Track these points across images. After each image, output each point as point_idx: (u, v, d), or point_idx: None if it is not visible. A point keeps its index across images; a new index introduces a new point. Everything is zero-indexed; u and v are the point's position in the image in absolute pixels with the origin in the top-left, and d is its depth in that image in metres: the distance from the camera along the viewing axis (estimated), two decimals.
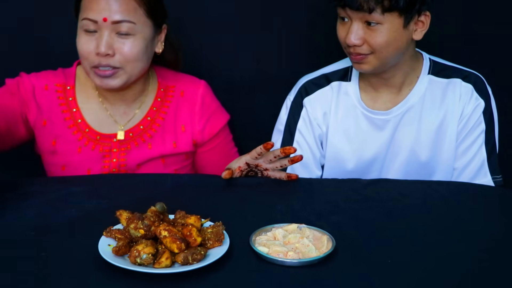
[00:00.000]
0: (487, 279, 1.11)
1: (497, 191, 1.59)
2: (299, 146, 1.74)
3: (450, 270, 1.13)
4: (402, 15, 1.52)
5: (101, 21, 1.49)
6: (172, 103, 1.68)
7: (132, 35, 1.52)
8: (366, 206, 1.40)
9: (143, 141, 1.65)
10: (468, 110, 1.68)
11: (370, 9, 1.49)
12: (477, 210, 1.42)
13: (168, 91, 1.69)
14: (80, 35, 1.53)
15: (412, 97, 1.68)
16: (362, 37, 1.54)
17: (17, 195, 1.41)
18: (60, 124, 1.63)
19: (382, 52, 1.55)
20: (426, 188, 1.52)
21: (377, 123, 1.70)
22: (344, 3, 1.52)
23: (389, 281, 1.09)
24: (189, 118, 1.68)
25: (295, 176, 1.53)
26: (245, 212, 1.35)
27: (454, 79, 1.69)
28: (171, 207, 1.24)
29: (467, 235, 1.27)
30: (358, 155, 1.72)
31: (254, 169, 1.53)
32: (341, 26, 1.59)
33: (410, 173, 1.71)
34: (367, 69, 1.60)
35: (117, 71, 1.53)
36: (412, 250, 1.20)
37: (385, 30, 1.52)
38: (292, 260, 1.12)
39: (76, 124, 1.63)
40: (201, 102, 1.69)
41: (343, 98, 1.72)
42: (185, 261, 1.09)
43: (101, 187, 1.48)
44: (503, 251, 1.21)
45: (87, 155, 1.63)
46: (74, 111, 1.63)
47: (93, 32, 1.51)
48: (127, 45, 1.52)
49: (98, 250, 1.12)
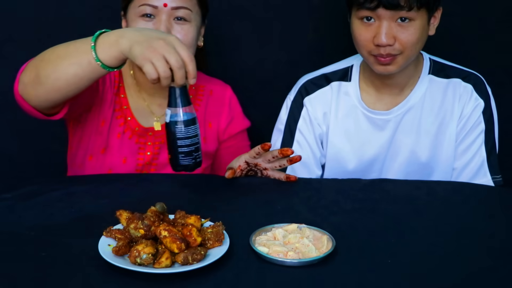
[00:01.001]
0: (487, 279, 1.11)
1: (497, 191, 1.59)
2: (300, 145, 1.73)
3: (450, 270, 1.13)
4: (429, 11, 1.52)
5: (161, 6, 1.54)
6: (202, 102, 1.75)
7: (188, 22, 1.57)
8: (366, 206, 1.40)
9: None
10: (467, 110, 1.68)
11: (410, 6, 1.47)
12: (477, 210, 1.42)
13: (198, 89, 1.76)
14: (136, 20, 1.56)
15: (412, 97, 1.68)
16: (394, 36, 1.51)
17: (17, 195, 1.41)
18: (109, 106, 1.64)
19: (411, 50, 1.54)
20: (426, 188, 1.52)
21: (377, 123, 1.69)
22: (379, 3, 1.48)
23: (389, 281, 1.09)
24: (217, 116, 1.76)
25: (294, 177, 1.53)
26: (245, 212, 1.35)
27: (454, 79, 1.69)
28: (171, 207, 1.24)
29: (467, 235, 1.27)
30: (359, 155, 1.72)
31: (254, 168, 1.54)
32: (363, 27, 1.54)
33: (410, 173, 1.71)
34: (393, 70, 1.58)
35: None
36: (412, 250, 1.20)
37: (417, 26, 1.51)
38: (292, 260, 1.12)
39: (122, 109, 1.66)
40: (228, 103, 1.78)
41: (344, 98, 1.71)
42: (185, 261, 1.09)
43: (101, 187, 1.48)
44: (503, 251, 1.21)
45: (124, 143, 1.65)
46: (122, 97, 1.67)
47: (150, 18, 1.55)
48: (184, 30, 1.56)
49: (98, 250, 1.12)
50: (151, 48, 1.20)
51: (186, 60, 1.21)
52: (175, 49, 1.21)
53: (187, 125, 1.26)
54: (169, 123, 1.26)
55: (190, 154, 1.28)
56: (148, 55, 1.20)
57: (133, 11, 1.57)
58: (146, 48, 1.20)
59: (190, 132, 1.26)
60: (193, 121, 1.27)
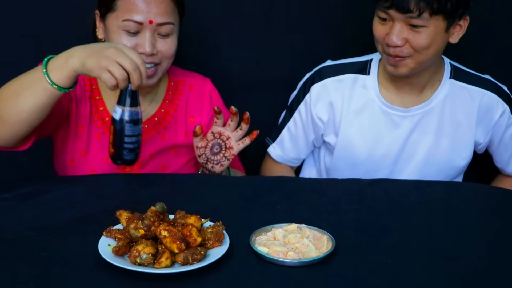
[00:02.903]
0: (487, 279, 1.11)
1: (497, 191, 1.59)
2: (294, 123, 1.80)
3: (450, 270, 1.13)
4: (446, 19, 1.52)
5: (146, 23, 1.53)
6: (182, 96, 1.74)
7: (171, 35, 1.59)
8: (366, 206, 1.40)
9: (157, 133, 1.69)
10: (496, 117, 1.72)
11: (420, 12, 1.48)
12: (477, 210, 1.42)
13: (178, 85, 1.75)
14: (118, 33, 1.55)
15: (434, 100, 1.70)
16: (405, 38, 1.54)
17: (17, 195, 1.41)
18: (85, 110, 1.66)
19: (422, 54, 1.56)
20: (426, 188, 1.52)
21: (393, 119, 1.71)
22: (391, 5, 1.50)
23: (389, 281, 1.09)
24: (198, 110, 1.75)
25: (255, 132, 1.56)
26: (245, 212, 1.35)
27: (476, 88, 1.72)
28: (171, 207, 1.24)
29: (467, 235, 1.27)
30: (370, 148, 1.73)
31: (219, 139, 1.56)
32: (380, 25, 1.58)
33: (426, 176, 1.72)
34: (403, 72, 1.60)
35: (157, 68, 1.60)
36: (412, 250, 1.20)
37: (429, 32, 1.52)
38: (292, 260, 1.12)
39: (98, 111, 1.66)
40: (209, 96, 1.77)
41: (360, 91, 1.72)
42: (185, 261, 1.09)
43: (101, 187, 1.48)
44: (503, 251, 1.21)
45: (105, 143, 1.64)
46: (97, 99, 1.67)
47: (133, 34, 1.54)
48: (168, 43, 1.58)
49: (98, 250, 1.12)
50: (104, 57, 1.30)
51: (137, 63, 1.32)
52: (126, 54, 1.32)
53: (135, 123, 1.36)
54: (118, 121, 1.35)
55: (133, 150, 1.38)
56: (103, 63, 1.30)
57: (114, 23, 1.55)
58: (100, 58, 1.30)
59: (136, 131, 1.36)
60: (140, 121, 1.37)
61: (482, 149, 1.79)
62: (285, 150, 1.84)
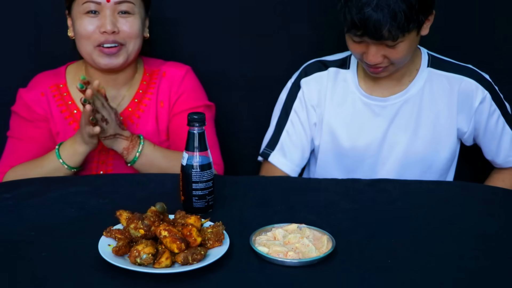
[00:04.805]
0: (487, 279, 1.11)
1: (497, 191, 1.59)
2: (293, 124, 1.78)
3: (450, 270, 1.13)
4: (418, 27, 1.55)
5: (104, 2, 1.59)
6: (156, 84, 1.76)
7: (132, 14, 1.63)
8: (366, 206, 1.40)
9: (132, 123, 1.72)
10: (476, 103, 1.71)
11: (394, 38, 1.50)
12: (477, 210, 1.42)
13: (153, 74, 1.77)
14: (81, 18, 1.61)
15: (412, 88, 1.71)
16: (382, 55, 1.56)
17: (17, 195, 1.42)
18: (60, 120, 1.71)
19: (402, 62, 1.61)
20: (425, 188, 1.52)
21: (373, 110, 1.73)
22: (364, 34, 1.52)
23: (389, 281, 1.09)
24: (167, 94, 1.75)
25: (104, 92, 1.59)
26: (245, 212, 1.35)
27: (455, 74, 1.71)
28: (171, 207, 1.24)
29: (467, 235, 1.27)
30: (354, 139, 1.74)
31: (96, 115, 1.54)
32: (354, 44, 1.59)
33: (409, 165, 1.73)
34: (384, 75, 1.66)
35: (121, 48, 1.62)
36: (412, 250, 1.20)
37: (405, 45, 1.55)
38: (292, 260, 1.12)
39: (72, 115, 1.71)
40: (180, 80, 1.76)
41: (341, 84, 1.75)
42: (185, 261, 1.09)
43: (101, 187, 1.48)
44: (503, 250, 1.21)
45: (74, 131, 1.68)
46: (69, 104, 1.71)
47: (94, 14, 1.60)
48: (129, 22, 1.62)
49: (98, 250, 1.12)
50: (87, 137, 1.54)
51: None
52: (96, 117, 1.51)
53: (203, 169, 1.31)
54: (186, 166, 1.31)
55: (204, 198, 1.32)
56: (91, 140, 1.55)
57: (77, 9, 1.61)
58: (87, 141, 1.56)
59: (205, 176, 1.31)
60: (209, 165, 1.32)
61: (469, 139, 1.77)
62: (287, 154, 1.79)
